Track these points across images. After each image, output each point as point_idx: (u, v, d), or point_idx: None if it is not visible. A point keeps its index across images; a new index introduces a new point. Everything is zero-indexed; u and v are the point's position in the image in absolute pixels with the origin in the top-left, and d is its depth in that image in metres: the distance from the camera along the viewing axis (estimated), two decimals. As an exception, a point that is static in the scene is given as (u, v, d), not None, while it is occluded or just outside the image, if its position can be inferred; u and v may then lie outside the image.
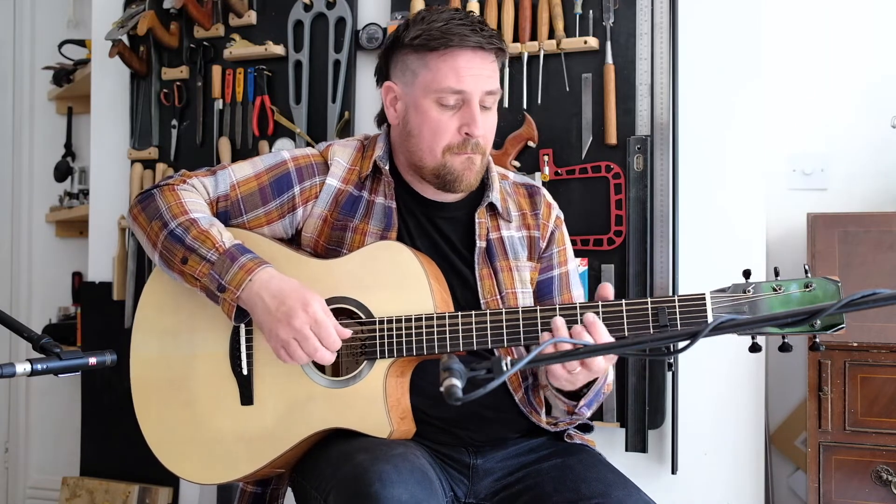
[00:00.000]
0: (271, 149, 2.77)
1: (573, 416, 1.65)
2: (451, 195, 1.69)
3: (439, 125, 1.62)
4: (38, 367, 1.30)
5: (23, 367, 1.28)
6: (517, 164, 2.50)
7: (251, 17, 2.82)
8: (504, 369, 1.08)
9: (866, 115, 2.45)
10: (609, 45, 2.43)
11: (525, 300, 1.72)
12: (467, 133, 1.62)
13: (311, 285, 1.55)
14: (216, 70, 2.85)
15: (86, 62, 3.31)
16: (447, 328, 1.54)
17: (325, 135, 2.72)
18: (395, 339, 1.55)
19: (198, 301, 1.64)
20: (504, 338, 1.53)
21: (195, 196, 1.67)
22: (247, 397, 1.63)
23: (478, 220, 1.70)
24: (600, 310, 1.49)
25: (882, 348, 2.04)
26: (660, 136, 2.38)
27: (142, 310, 1.74)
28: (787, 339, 1.40)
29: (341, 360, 1.63)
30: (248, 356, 1.64)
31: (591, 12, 2.45)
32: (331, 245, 1.69)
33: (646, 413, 2.36)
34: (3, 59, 3.73)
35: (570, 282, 1.78)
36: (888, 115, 2.36)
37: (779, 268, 1.48)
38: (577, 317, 1.49)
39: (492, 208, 1.72)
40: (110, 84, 3.07)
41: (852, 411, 2.06)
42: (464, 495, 1.64)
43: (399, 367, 1.59)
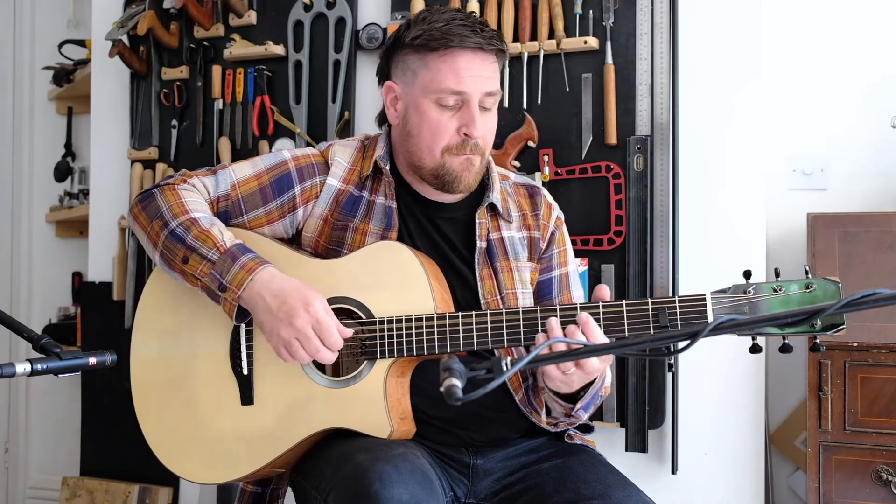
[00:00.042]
0: (271, 149, 2.77)
1: (570, 419, 1.65)
2: (450, 195, 1.69)
3: (438, 125, 1.62)
4: (38, 367, 1.29)
5: (23, 367, 1.28)
6: (517, 164, 2.50)
7: (251, 17, 2.82)
8: (504, 369, 1.07)
9: (866, 115, 2.45)
10: (609, 45, 2.43)
11: (525, 300, 1.72)
12: (466, 134, 1.61)
13: (312, 285, 1.55)
14: (216, 70, 2.85)
15: (86, 62, 3.30)
16: (447, 328, 1.54)
17: (325, 135, 2.72)
18: (395, 340, 1.55)
19: (198, 301, 1.64)
20: (504, 338, 1.53)
21: (196, 196, 1.67)
22: (247, 397, 1.63)
23: (478, 221, 1.70)
24: (601, 310, 1.49)
25: (882, 348, 2.04)
26: (660, 136, 2.38)
27: (142, 310, 1.74)
28: (787, 340, 1.39)
29: (342, 360, 1.63)
30: (249, 356, 1.64)
31: (591, 12, 2.45)
32: (331, 245, 1.68)
33: (646, 413, 2.36)
34: (3, 59, 3.73)
35: (569, 283, 1.78)
36: (888, 115, 2.36)
37: (779, 268, 1.47)
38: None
39: (492, 209, 1.72)
40: (110, 84, 3.07)
41: (852, 411, 2.06)
42: (464, 495, 1.64)
43: (399, 367, 1.59)
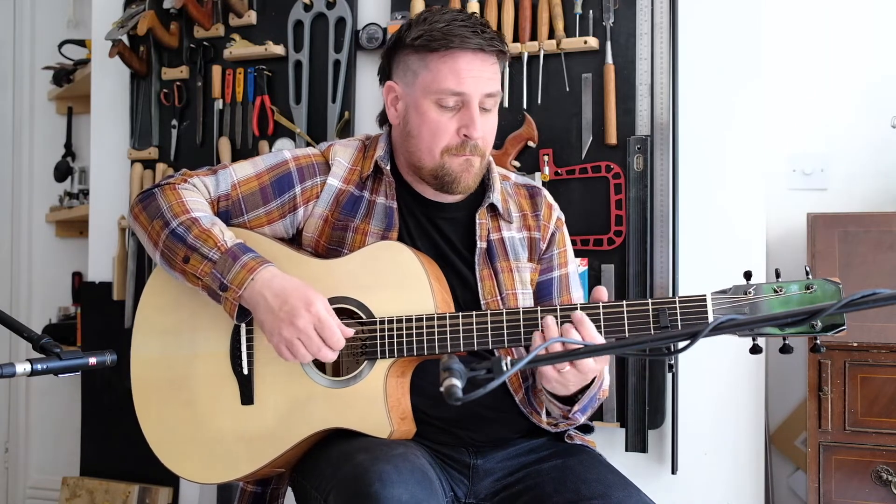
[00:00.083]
0: (271, 149, 2.77)
1: (568, 421, 1.65)
2: (450, 196, 1.69)
3: (438, 126, 1.61)
4: (38, 367, 1.29)
5: (23, 367, 1.28)
6: (517, 164, 2.50)
7: (251, 17, 2.82)
8: (504, 369, 1.07)
9: (866, 115, 2.45)
10: (609, 45, 2.43)
11: (525, 301, 1.71)
12: (466, 135, 1.61)
13: (312, 285, 1.55)
14: (216, 70, 2.85)
15: (86, 62, 3.30)
16: (448, 328, 1.54)
17: (325, 135, 2.72)
18: (395, 340, 1.55)
19: (198, 300, 1.64)
20: (504, 338, 1.52)
21: (196, 195, 1.67)
22: (247, 397, 1.63)
23: (478, 221, 1.70)
24: (601, 311, 1.49)
25: (882, 348, 2.04)
26: (660, 136, 2.38)
27: (142, 310, 1.74)
28: (787, 341, 1.39)
29: (342, 359, 1.63)
30: (249, 356, 1.64)
31: (591, 12, 2.45)
32: (332, 245, 1.68)
33: (646, 413, 2.36)
34: (3, 59, 3.73)
35: (569, 283, 1.78)
36: (888, 115, 2.36)
37: (779, 268, 1.47)
38: None
39: (492, 209, 1.72)
40: (110, 84, 3.07)
41: (852, 411, 2.06)
42: (464, 495, 1.64)
43: (399, 367, 1.59)
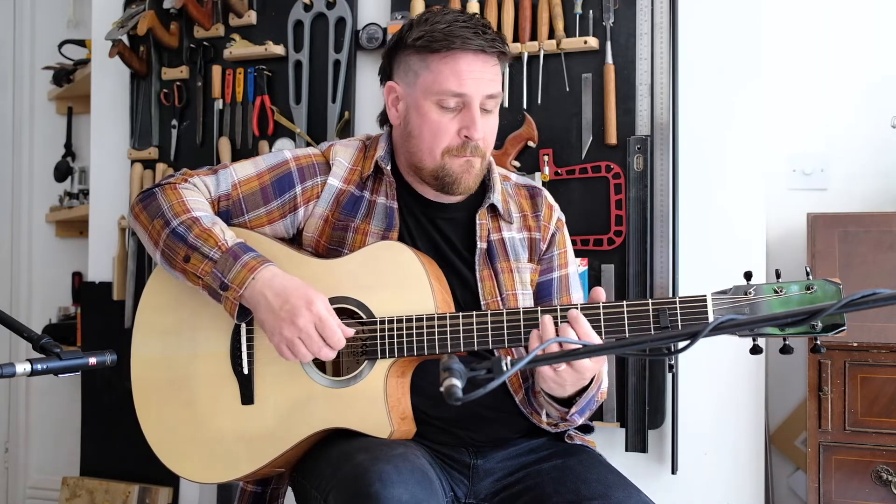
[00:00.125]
0: (271, 149, 2.77)
1: (566, 422, 1.65)
2: (451, 196, 1.69)
3: (439, 127, 1.61)
4: (38, 367, 1.29)
5: (23, 367, 1.28)
6: (517, 164, 2.49)
7: (251, 17, 2.82)
8: (504, 369, 1.07)
9: (866, 115, 2.45)
10: (609, 45, 2.43)
11: (525, 302, 1.71)
12: (467, 136, 1.61)
13: (313, 285, 1.55)
14: (216, 70, 2.85)
15: (86, 62, 3.30)
16: (448, 328, 1.54)
17: (325, 135, 2.72)
18: (395, 340, 1.55)
19: (198, 300, 1.64)
20: (505, 338, 1.52)
21: (197, 195, 1.67)
22: (247, 397, 1.63)
23: (479, 222, 1.70)
24: (602, 311, 1.49)
25: (882, 348, 2.04)
26: (660, 136, 2.38)
27: (142, 310, 1.74)
28: (788, 342, 1.39)
29: (342, 359, 1.63)
30: (249, 355, 1.64)
31: (591, 12, 2.45)
32: (332, 245, 1.68)
33: (646, 413, 2.36)
34: (3, 59, 3.73)
35: (569, 285, 1.78)
36: (888, 115, 2.36)
37: (779, 269, 1.47)
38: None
39: (493, 209, 1.72)
40: (110, 84, 3.07)
41: (852, 411, 2.06)
42: (464, 495, 1.64)
43: (400, 367, 1.59)
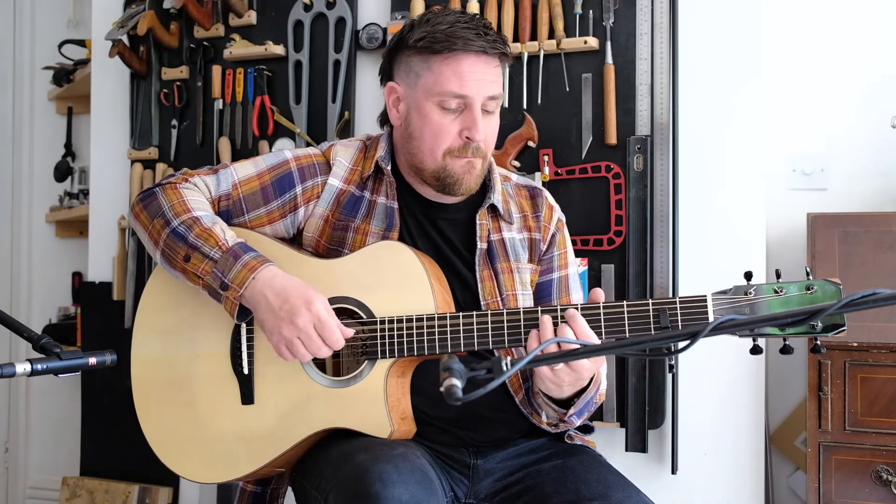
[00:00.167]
0: (271, 149, 2.77)
1: (564, 423, 1.65)
2: (451, 197, 1.69)
3: (440, 128, 1.61)
4: (38, 367, 1.29)
5: (23, 367, 1.28)
6: (517, 164, 2.50)
7: (251, 17, 2.82)
8: (504, 369, 1.07)
9: (866, 115, 2.45)
10: (609, 45, 2.43)
11: (525, 302, 1.71)
12: (468, 137, 1.61)
13: (313, 285, 1.55)
14: (216, 70, 2.85)
15: (86, 62, 3.30)
16: (448, 328, 1.54)
17: (325, 135, 2.72)
18: (395, 340, 1.55)
19: (198, 300, 1.64)
20: (505, 338, 1.52)
21: (197, 194, 1.67)
22: (247, 396, 1.63)
23: (479, 222, 1.70)
24: (602, 311, 1.49)
25: (882, 348, 2.04)
26: (660, 136, 2.38)
27: (142, 310, 1.73)
28: (788, 342, 1.39)
29: (342, 359, 1.63)
30: (249, 355, 1.64)
31: (591, 12, 2.45)
32: (332, 245, 1.68)
33: (646, 413, 2.36)
34: (3, 59, 3.73)
35: (569, 285, 1.78)
36: (888, 115, 2.36)
37: (780, 269, 1.47)
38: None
39: (493, 210, 1.72)
40: (110, 84, 3.07)
41: (852, 411, 2.06)
42: (464, 495, 1.64)
43: (400, 367, 1.59)
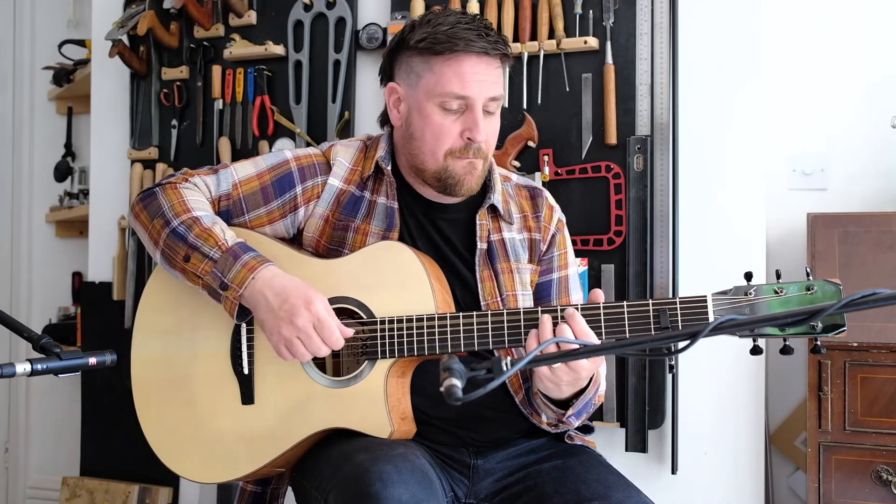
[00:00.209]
0: (271, 149, 2.77)
1: (563, 424, 1.65)
2: (452, 197, 1.69)
3: (442, 129, 1.61)
4: (38, 367, 1.29)
5: (23, 367, 1.28)
6: (517, 164, 2.50)
7: (251, 17, 2.82)
8: (504, 369, 1.07)
9: (866, 115, 2.45)
10: (609, 45, 2.43)
11: (525, 302, 1.71)
12: (469, 138, 1.61)
13: (313, 285, 1.55)
14: (216, 70, 2.85)
15: (86, 62, 3.30)
16: (448, 328, 1.54)
17: (325, 135, 2.72)
18: (396, 340, 1.55)
19: (198, 300, 1.64)
20: (505, 338, 1.52)
21: (197, 194, 1.67)
22: (248, 396, 1.63)
23: (479, 222, 1.70)
24: (602, 311, 1.49)
25: (882, 348, 2.04)
26: (660, 136, 2.38)
27: (142, 310, 1.73)
28: (788, 342, 1.39)
29: (342, 359, 1.63)
30: (250, 355, 1.64)
31: (591, 12, 2.45)
32: (332, 245, 1.68)
33: (646, 413, 2.36)
34: (3, 59, 3.73)
35: (569, 286, 1.78)
36: (888, 115, 2.36)
37: (780, 269, 1.47)
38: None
39: (493, 210, 1.72)
40: (110, 84, 3.07)
41: (852, 411, 2.06)
42: (464, 495, 1.64)
43: (400, 367, 1.59)
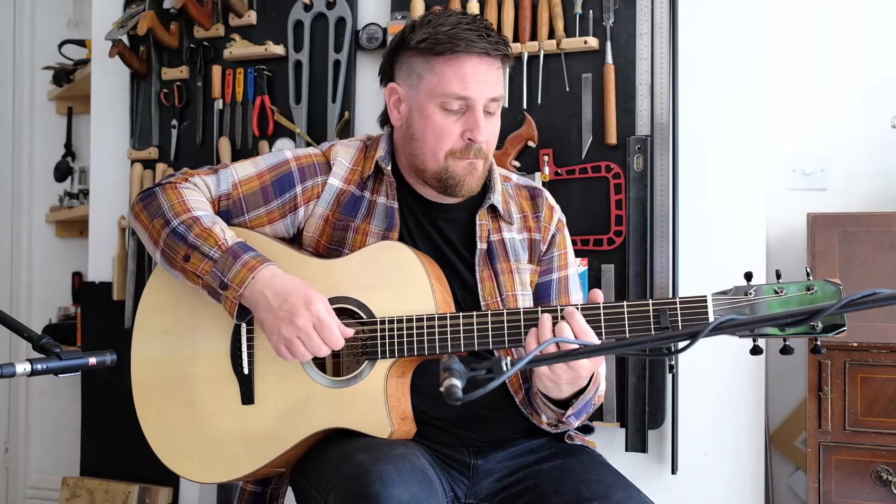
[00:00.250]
0: (271, 149, 2.77)
1: (562, 425, 1.65)
2: (452, 197, 1.69)
3: (443, 130, 1.61)
4: (38, 367, 1.29)
5: (23, 367, 1.28)
6: (517, 164, 2.50)
7: (251, 17, 2.82)
8: (504, 369, 1.07)
9: (866, 115, 2.45)
10: (609, 45, 2.43)
11: (525, 302, 1.71)
12: (470, 138, 1.61)
13: (313, 285, 1.55)
14: (216, 70, 2.85)
15: (86, 62, 3.30)
16: (448, 328, 1.54)
17: (325, 135, 2.72)
18: (396, 340, 1.55)
19: (198, 300, 1.64)
20: (505, 338, 1.52)
21: (197, 194, 1.67)
22: (248, 396, 1.63)
23: (479, 222, 1.70)
24: (602, 311, 1.49)
25: (882, 348, 2.04)
26: (660, 136, 2.38)
27: (142, 310, 1.73)
28: (788, 342, 1.39)
29: (342, 359, 1.63)
30: (250, 355, 1.64)
31: (591, 12, 2.45)
32: (332, 245, 1.68)
33: (646, 413, 2.36)
34: (3, 59, 3.73)
35: (568, 286, 1.78)
36: (888, 115, 2.36)
37: (780, 269, 1.47)
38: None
39: (493, 210, 1.72)
40: (110, 84, 3.07)
41: (852, 411, 2.06)
42: (464, 495, 1.64)
43: (400, 367, 1.59)
